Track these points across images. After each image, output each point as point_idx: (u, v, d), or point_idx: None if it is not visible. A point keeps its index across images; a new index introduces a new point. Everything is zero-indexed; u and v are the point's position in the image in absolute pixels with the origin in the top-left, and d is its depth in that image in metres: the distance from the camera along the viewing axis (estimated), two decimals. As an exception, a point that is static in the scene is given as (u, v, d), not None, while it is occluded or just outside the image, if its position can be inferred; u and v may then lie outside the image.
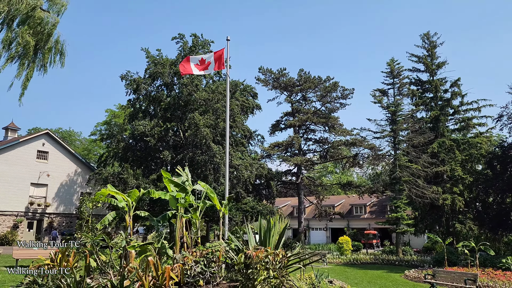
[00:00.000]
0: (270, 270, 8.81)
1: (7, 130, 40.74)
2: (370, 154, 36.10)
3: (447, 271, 15.65)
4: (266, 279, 8.75)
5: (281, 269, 9.38)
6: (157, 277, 7.92)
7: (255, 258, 8.72)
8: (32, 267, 9.23)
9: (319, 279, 11.91)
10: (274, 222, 11.13)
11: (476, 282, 14.13)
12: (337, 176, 79.09)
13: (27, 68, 26.74)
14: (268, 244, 10.50)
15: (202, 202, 11.41)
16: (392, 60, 34.09)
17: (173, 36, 31.95)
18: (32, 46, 26.66)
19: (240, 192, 27.73)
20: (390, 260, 28.06)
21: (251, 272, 8.80)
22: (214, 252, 8.88)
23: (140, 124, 28.68)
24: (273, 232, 10.79)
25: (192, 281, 8.73)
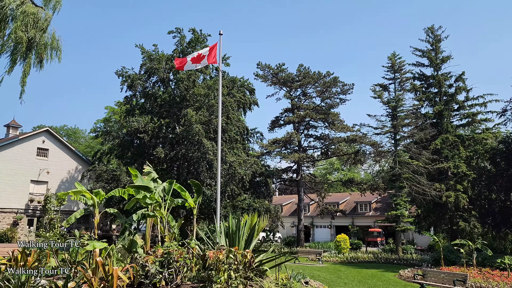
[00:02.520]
0: (231, 271, 8.42)
1: (8, 127, 40.88)
2: (372, 151, 35.47)
3: (436, 271, 15.09)
4: (227, 280, 8.36)
5: (245, 270, 8.98)
6: (106, 278, 7.56)
7: (213, 259, 8.33)
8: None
9: (295, 279, 11.49)
10: (245, 221, 10.72)
11: (466, 283, 13.53)
12: (343, 173, 78.28)
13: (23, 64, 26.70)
14: (236, 244, 10.10)
15: (169, 199, 11.03)
16: (394, 54, 33.33)
17: (169, 30, 31.64)
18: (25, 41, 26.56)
19: (233, 189, 27.35)
20: (389, 258, 27.44)
21: (210, 273, 8.42)
22: (171, 252, 8.46)
23: (133, 121, 28.45)
24: (242, 232, 10.39)
25: (147, 282, 8.35)
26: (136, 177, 10.81)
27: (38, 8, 27.18)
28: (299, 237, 37.28)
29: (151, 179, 11.43)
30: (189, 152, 26.24)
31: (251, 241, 10.32)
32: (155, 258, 8.70)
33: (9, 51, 26.13)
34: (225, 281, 8.23)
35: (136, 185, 10.39)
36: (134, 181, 10.78)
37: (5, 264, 8.98)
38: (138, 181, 10.80)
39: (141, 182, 10.72)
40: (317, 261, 25.25)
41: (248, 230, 10.44)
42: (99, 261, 7.63)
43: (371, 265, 25.32)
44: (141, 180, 10.87)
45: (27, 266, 9.11)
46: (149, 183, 10.99)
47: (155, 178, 11.62)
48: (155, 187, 11.15)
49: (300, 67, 37.00)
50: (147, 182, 11.00)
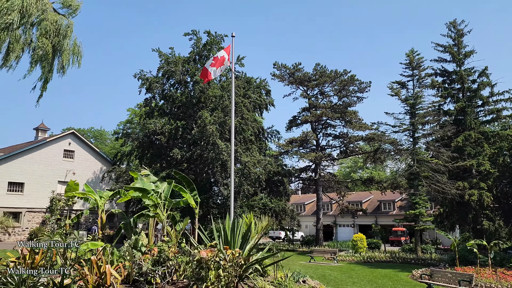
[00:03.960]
0: (220, 269, 8.73)
1: (37, 130, 42.71)
2: (391, 149, 35.02)
3: (443, 271, 14.93)
4: (217, 278, 8.69)
5: (235, 268, 9.27)
6: (100, 276, 8.03)
7: (204, 257, 8.67)
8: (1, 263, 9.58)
9: (293, 278, 11.71)
10: (241, 222, 11.02)
11: (472, 283, 13.35)
12: (368, 171, 77.42)
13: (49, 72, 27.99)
14: (231, 244, 10.40)
15: (168, 200, 11.46)
16: (412, 51, 32.80)
17: (185, 32, 32.25)
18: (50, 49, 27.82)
19: (248, 189, 27.66)
20: (406, 258, 27.15)
21: (199, 272, 8.77)
22: (163, 251, 8.87)
23: (151, 123, 29.22)
24: (238, 232, 10.68)
25: (142, 279, 8.79)
26: (136, 179, 11.29)
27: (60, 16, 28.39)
28: (318, 236, 37.26)
29: (151, 181, 11.89)
30: (204, 153, 26.76)
31: (246, 241, 10.58)
32: (150, 257, 9.13)
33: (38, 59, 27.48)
34: (215, 279, 8.54)
35: (133, 187, 10.87)
36: (133, 183, 11.25)
37: (14, 262, 9.60)
38: (138, 183, 11.27)
39: (141, 184, 11.18)
40: (332, 260, 25.28)
41: (243, 230, 10.72)
42: (93, 259, 8.10)
43: (388, 265, 25.14)
44: (142, 182, 11.33)
45: (34, 264, 9.74)
46: (149, 185, 11.43)
47: (155, 180, 12.07)
48: (156, 188, 11.59)
49: (317, 66, 36.96)
50: (147, 184, 11.45)
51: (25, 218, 35.81)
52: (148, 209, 11.87)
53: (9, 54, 26.71)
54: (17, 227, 35.24)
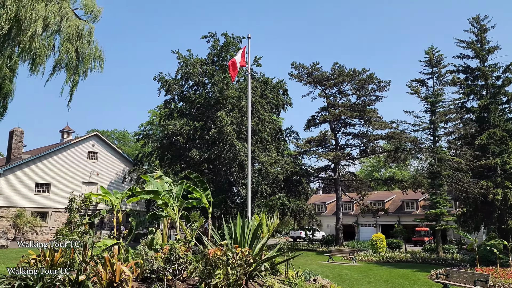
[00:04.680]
0: (229, 267, 8.95)
1: (63, 133, 44.03)
2: (412, 148, 34.54)
3: (459, 271, 14.74)
4: (226, 276, 8.92)
5: (244, 266, 9.47)
6: (112, 272, 8.36)
7: (211, 255, 8.91)
8: (21, 261, 10.08)
9: (304, 277, 11.83)
10: (249, 221, 11.22)
11: (488, 283, 13.14)
12: (391, 171, 76.41)
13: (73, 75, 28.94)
14: (241, 243, 10.61)
15: (180, 200, 11.75)
16: (431, 48, 32.30)
17: (203, 35, 32.72)
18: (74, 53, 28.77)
19: (265, 189, 27.82)
20: (427, 258, 26.78)
21: (208, 269, 9.01)
22: (173, 249, 9.15)
23: (170, 124, 29.77)
24: (248, 231, 10.88)
25: (153, 276, 9.09)
26: (149, 181, 11.61)
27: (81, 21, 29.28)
28: (337, 235, 37.09)
29: (165, 182, 12.21)
30: (222, 154, 27.10)
31: (257, 240, 10.78)
32: (162, 255, 9.43)
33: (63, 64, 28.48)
34: (223, 277, 8.77)
35: (144, 190, 11.21)
36: (146, 185, 11.58)
37: (34, 259, 10.07)
38: (151, 185, 11.59)
39: (154, 186, 11.50)
40: (350, 260, 25.19)
41: (253, 229, 10.91)
42: (106, 256, 8.45)
43: (407, 265, 24.87)
44: (155, 184, 11.64)
45: (54, 262, 10.18)
46: (162, 186, 11.74)
47: (169, 181, 12.38)
48: (169, 189, 11.90)
49: (335, 65, 36.78)
50: (160, 185, 11.76)
51: (52, 217, 37.01)
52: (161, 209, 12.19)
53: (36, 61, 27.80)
54: (44, 227, 36.45)
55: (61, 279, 8.36)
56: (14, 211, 34.60)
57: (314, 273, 12.40)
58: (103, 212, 12.01)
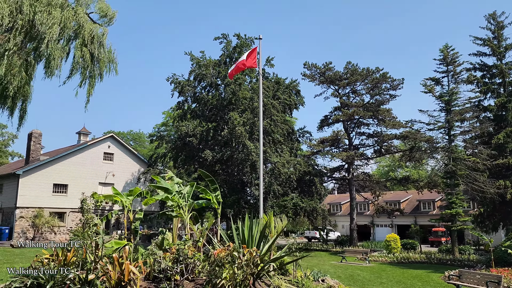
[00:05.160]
0: (235, 267, 9.06)
1: (79, 134, 44.78)
2: (427, 147, 34.08)
3: (472, 272, 14.56)
4: (232, 276, 9.02)
5: (250, 267, 9.56)
6: (121, 272, 8.56)
7: (216, 256, 9.02)
8: (35, 260, 10.37)
9: (313, 277, 11.86)
10: (257, 221, 11.30)
11: (500, 284, 12.93)
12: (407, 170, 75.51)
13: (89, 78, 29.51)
14: (248, 243, 10.70)
15: (188, 201, 11.89)
16: (446, 46, 31.81)
17: (215, 36, 32.97)
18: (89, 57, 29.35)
19: (277, 189, 27.86)
20: (442, 259, 26.45)
21: (214, 269, 9.12)
22: (180, 249, 9.30)
23: (183, 125, 30.07)
24: (256, 231, 10.96)
25: (161, 276, 9.26)
26: (159, 182, 11.80)
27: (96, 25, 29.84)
28: (351, 236, 36.89)
29: (175, 182, 12.38)
30: (234, 154, 27.25)
31: (265, 240, 10.86)
32: (170, 255, 9.59)
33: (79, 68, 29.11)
34: (230, 277, 8.87)
35: (157, 186, 11.41)
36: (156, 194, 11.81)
37: (48, 258, 10.35)
38: (161, 184, 11.79)
39: (164, 186, 11.69)
40: (364, 260, 25.05)
41: (260, 229, 10.99)
42: (115, 256, 8.65)
43: (422, 266, 24.62)
44: (165, 184, 11.83)
45: (66, 261, 10.44)
46: (172, 187, 11.92)
47: (180, 182, 12.56)
48: (179, 190, 12.07)
49: (348, 65, 36.57)
50: (171, 186, 11.95)
51: (69, 218, 37.74)
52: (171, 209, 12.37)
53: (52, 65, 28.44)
54: (62, 227, 37.19)
55: (71, 278, 8.59)
56: (33, 212, 35.41)
57: (323, 274, 12.42)
58: (114, 212, 12.22)
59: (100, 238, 10.04)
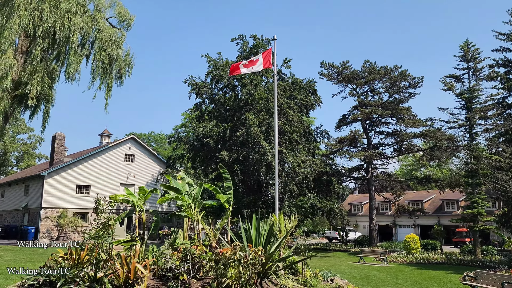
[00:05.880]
0: (240, 267, 9.16)
1: (102, 136, 45.82)
2: (448, 146, 33.37)
3: (488, 273, 14.23)
4: (237, 275, 9.13)
5: (256, 266, 9.65)
6: (129, 270, 8.79)
7: (221, 255, 9.15)
8: (50, 258, 10.74)
9: (321, 277, 11.85)
10: (265, 221, 11.38)
11: (517, 287, 12.60)
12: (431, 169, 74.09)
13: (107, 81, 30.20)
14: (255, 242, 10.79)
15: (198, 201, 12.05)
16: (466, 42, 31.08)
17: (232, 38, 33.19)
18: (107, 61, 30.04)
19: (293, 189, 27.82)
20: (463, 260, 25.87)
21: (219, 268, 9.25)
22: (187, 248, 9.47)
23: (200, 126, 30.39)
24: (263, 231, 11.04)
25: (169, 274, 9.45)
26: (171, 182, 12.03)
27: (114, 29, 30.48)
28: (371, 236, 36.45)
29: (186, 182, 12.59)
30: (250, 154, 27.37)
31: (270, 239, 10.93)
32: (178, 254, 9.78)
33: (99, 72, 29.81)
34: (235, 276, 8.98)
35: (167, 186, 11.64)
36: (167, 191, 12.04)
37: (62, 257, 10.71)
38: (172, 184, 12.01)
39: (175, 186, 11.90)
40: (382, 261, 24.77)
41: (268, 229, 11.06)
42: (123, 255, 8.90)
43: (441, 267, 24.15)
44: (176, 184, 12.04)
45: (80, 260, 10.78)
46: (183, 187, 12.13)
47: (191, 182, 12.76)
48: (190, 190, 12.27)
49: (366, 63, 36.16)
50: (182, 186, 12.16)
51: (92, 218, 38.63)
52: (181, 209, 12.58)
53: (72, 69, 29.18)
54: (85, 227, 38.12)
55: (81, 275, 8.88)
56: (57, 212, 36.43)
57: (332, 273, 12.37)
58: (125, 213, 12.53)
59: (110, 237, 10.30)
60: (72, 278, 8.86)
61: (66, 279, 8.81)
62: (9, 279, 14.04)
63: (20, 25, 23.03)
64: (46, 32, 24.34)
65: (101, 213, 20.21)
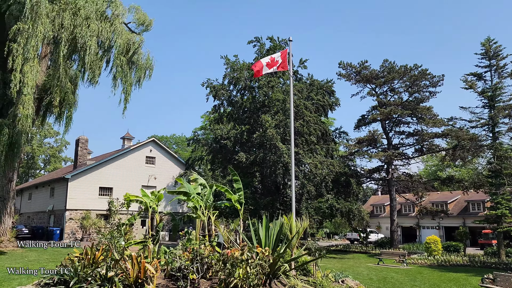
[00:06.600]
0: (248, 267, 9.26)
1: (124, 139, 46.73)
2: (471, 146, 32.59)
3: (507, 275, 13.85)
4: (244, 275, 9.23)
5: (263, 266, 9.73)
6: (139, 269, 9.02)
7: (229, 256, 9.27)
8: (66, 258, 11.10)
9: (334, 278, 11.84)
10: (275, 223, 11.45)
11: (537, 290, 12.26)
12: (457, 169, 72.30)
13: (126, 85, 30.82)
14: (264, 243, 10.87)
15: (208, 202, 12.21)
16: (488, 39, 30.32)
17: (249, 40, 33.40)
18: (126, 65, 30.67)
19: (310, 191, 27.70)
20: (486, 262, 25.22)
21: (227, 268, 9.37)
22: (196, 249, 9.63)
23: (217, 128, 30.68)
24: (273, 232, 11.10)
25: (178, 274, 9.64)
26: (182, 184, 12.26)
27: (133, 34, 31.09)
28: (392, 238, 35.93)
29: (199, 184, 12.80)
30: (266, 156, 27.45)
31: (280, 240, 11.00)
32: (188, 254, 9.96)
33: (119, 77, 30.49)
34: (242, 276, 9.09)
35: (174, 191, 11.87)
36: (179, 188, 12.24)
37: (77, 257, 11.06)
38: (183, 187, 12.22)
39: (186, 188, 12.11)
40: (401, 263, 24.42)
41: (277, 230, 11.12)
42: (133, 255, 9.15)
43: (463, 269, 23.63)
44: (187, 186, 12.25)
45: (95, 260, 11.11)
46: (195, 189, 12.32)
47: (204, 184, 12.95)
48: (202, 192, 12.46)
49: (385, 62, 35.72)
50: (193, 188, 12.36)
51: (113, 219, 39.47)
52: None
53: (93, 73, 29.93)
54: (108, 228, 38.95)
55: (92, 275, 9.17)
56: (81, 214, 37.37)
57: (344, 275, 12.34)
58: (134, 216, 12.86)
59: (122, 238, 10.57)
60: (84, 277, 9.16)
61: (79, 278, 9.11)
62: (30, 278, 14.55)
63: (43, 33, 23.85)
64: (67, 38, 25.10)
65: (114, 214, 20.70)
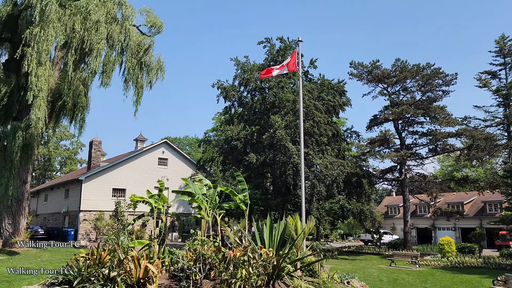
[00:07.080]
0: (250, 268, 9.23)
1: (137, 141, 47.19)
2: (486, 145, 31.95)
3: (519, 278, 13.54)
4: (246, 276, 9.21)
5: (266, 267, 9.68)
6: (141, 270, 9.08)
7: (232, 256, 9.25)
8: (72, 259, 11.25)
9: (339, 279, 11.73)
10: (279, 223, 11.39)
11: (549, 292, 11.93)
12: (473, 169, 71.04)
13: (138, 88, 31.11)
14: (267, 244, 10.82)
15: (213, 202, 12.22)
16: (503, 37, 29.75)
17: (259, 41, 33.38)
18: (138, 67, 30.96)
19: (320, 191, 27.50)
20: (501, 264, 24.66)
21: (229, 269, 9.35)
22: (198, 249, 9.64)
23: (228, 129, 30.74)
24: (277, 232, 11.05)
25: (181, 274, 9.66)
26: (188, 184, 12.30)
27: (144, 36, 31.38)
28: (405, 239, 35.45)
29: (204, 184, 12.82)
30: (276, 157, 27.39)
31: (283, 241, 10.94)
32: (191, 255, 9.98)
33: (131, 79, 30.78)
34: (244, 276, 9.07)
35: (178, 191, 11.91)
36: (185, 188, 12.30)
37: (84, 257, 11.19)
38: (189, 188, 12.26)
39: (192, 189, 12.14)
40: (414, 264, 24.08)
41: (281, 230, 11.07)
42: (135, 255, 9.21)
43: (477, 271, 23.14)
44: (193, 187, 12.28)
45: (101, 260, 11.23)
46: (200, 189, 12.35)
47: (209, 185, 12.98)
48: (207, 193, 12.49)
49: (397, 62, 35.29)
50: (198, 188, 12.38)
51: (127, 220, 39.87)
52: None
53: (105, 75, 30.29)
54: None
55: (95, 275, 9.26)
56: (95, 215, 37.84)
57: (351, 276, 12.22)
58: (137, 218, 12.99)
59: (126, 239, 10.65)
60: (88, 277, 9.26)
61: (83, 278, 9.21)
62: (40, 278, 14.79)
63: (55, 36, 24.26)
64: (78, 42, 25.48)
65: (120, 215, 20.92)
